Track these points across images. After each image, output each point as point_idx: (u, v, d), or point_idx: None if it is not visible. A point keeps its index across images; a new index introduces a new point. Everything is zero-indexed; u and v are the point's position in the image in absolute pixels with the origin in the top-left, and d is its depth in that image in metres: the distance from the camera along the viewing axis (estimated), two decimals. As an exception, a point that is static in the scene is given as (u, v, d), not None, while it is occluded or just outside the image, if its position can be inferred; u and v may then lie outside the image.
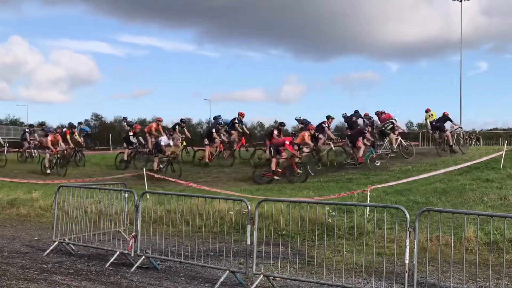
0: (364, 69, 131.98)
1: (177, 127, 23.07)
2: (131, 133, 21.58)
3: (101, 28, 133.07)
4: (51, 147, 20.77)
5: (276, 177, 17.60)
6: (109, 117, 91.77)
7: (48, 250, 8.64)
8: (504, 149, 16.86)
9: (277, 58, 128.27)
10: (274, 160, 17.74)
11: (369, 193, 12.11)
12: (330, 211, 9.55)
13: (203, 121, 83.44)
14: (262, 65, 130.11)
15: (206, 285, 6.85)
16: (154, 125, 22.31)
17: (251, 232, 6.74)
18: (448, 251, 7.43)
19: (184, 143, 22.32)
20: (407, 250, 5.73)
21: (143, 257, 7.71)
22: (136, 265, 7.63)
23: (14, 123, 77.09)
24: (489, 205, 11.84)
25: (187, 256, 7.69)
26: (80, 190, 9.10)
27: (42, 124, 31.74)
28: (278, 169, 17.76)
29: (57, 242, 8.71)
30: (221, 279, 6.79)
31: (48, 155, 20.99)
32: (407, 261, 5.73)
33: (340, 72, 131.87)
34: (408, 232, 5.74)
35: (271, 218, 7.98)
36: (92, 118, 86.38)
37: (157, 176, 17.39)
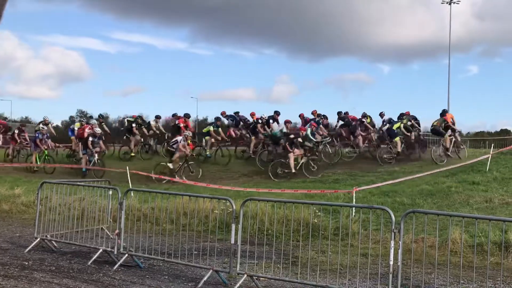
0: (356, 70, 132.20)
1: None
2: None
3: (94, 25, 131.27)
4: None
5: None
6: (95, 114, 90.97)
7: (30, 247, 8.51)
8: (491, 152, 16.99)
9: (270, 58, 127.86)
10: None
11: (354, 194, 12.11)
12: (316, 211, 9.53)
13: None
14: (255, 65, 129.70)
15: (190, 284, 6.78)
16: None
17: (236, 231, 6.68)
18: (433, 253, 7.43)
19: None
20: (392, 251, 5.71)
21: (126, 255, 7.62)
22: (119, 263, 7.55)
23: (-4, 118, 76.21)
24: (475, 207, 11.91)
25: (170, 254, 7.60)
26: (64, 186, 8.96)
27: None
28: None
29: (39, 239, 8.58)
30: (205, 278, 6.73)
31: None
32: (391, 263, 5.71)
33: (332, 73, 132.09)
34: (393, 233, 5.73)
35: (256, 218, 7.93)
36: (77, 115, 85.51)
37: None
